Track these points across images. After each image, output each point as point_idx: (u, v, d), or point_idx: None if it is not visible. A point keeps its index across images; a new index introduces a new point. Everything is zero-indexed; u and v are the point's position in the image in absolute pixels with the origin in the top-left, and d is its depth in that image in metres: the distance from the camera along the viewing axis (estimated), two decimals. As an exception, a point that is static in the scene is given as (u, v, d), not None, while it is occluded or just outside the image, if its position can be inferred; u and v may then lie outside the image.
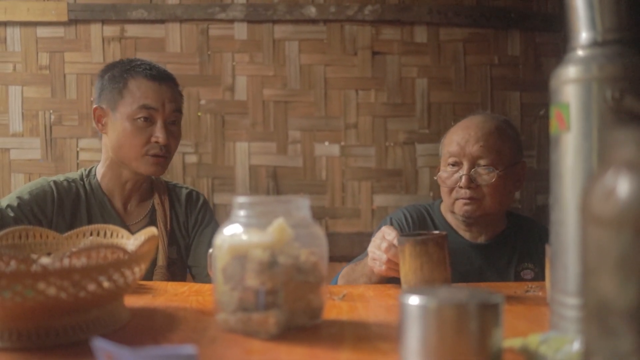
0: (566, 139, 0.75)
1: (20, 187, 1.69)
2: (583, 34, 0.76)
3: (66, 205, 1.64)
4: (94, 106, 1.67)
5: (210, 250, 0.94)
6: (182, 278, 1.77)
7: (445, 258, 1.16)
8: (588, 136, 0.73)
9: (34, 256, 1.00)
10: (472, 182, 1.60)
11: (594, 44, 0.75)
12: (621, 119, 0.72)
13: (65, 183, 1.66)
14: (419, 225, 1.72)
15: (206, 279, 1.75)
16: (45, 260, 0.86)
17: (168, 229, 1.73)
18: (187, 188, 1.86)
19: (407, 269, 1.16)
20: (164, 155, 1.65)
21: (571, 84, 0.75)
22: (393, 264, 1.26)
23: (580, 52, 0.76)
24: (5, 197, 1.61)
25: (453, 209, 1.65)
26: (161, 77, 1.64)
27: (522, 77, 2.65)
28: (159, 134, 1.61)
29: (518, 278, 1.65)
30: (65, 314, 0.80)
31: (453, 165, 1.64)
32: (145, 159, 1.63)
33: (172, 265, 1.68)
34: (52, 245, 1.10)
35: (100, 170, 1.71)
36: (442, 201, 1.75)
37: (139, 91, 1.61)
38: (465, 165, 1.61)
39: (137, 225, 1.70)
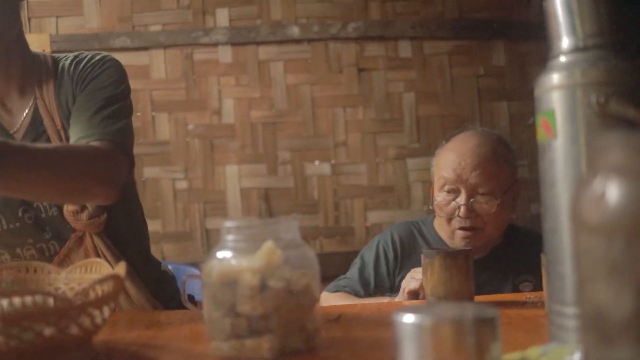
0: (554, 146, 0.74)
1: None
2: (564, 40, 0.76)
3: None
4: None
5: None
6: None
7: (471, 271, 1.17)
8: (575, 142, 0.72)
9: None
10: (471, 212, 1.55)
11: (575, 49, 0.75)
12: (607, 123, 0.72)
13: None
14: (407, 246, 1.68)
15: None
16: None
17: (58, 126, 1.28)
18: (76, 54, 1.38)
19: (436, 281, 1.16)
20: None
21: (555, 90, 0.74)
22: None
23: (562, 59, 0.76)
24: None
25: (453, 237, 1.61)
26: None
27: (508, 87, 2.66)
28: None
29: (516, 291, 1.63)
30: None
31: (448, 192, 1.59)
32: None
33: None
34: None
35: None
36: (435, 216, 1.72)
37: None
38: (464, 195, 1.56)
39: (19, 133, 1.28)
